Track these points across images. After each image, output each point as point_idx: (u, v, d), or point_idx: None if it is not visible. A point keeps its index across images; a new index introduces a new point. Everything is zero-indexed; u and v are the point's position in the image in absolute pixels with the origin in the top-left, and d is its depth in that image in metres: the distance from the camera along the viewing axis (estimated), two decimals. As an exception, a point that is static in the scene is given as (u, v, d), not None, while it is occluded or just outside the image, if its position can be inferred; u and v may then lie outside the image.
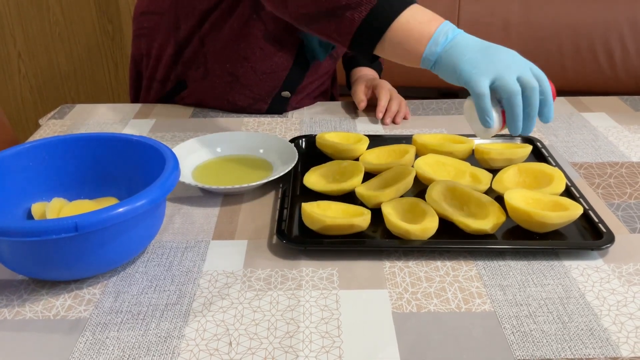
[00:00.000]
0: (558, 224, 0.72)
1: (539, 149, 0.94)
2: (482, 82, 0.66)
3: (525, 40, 1.73)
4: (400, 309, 0.63)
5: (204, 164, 0.91)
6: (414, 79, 1.79)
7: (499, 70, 0.66)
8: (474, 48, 0.68)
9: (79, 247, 0.62)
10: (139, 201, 0.62)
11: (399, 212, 0.75)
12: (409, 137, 0.98)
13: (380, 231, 0.75)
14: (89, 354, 0.57)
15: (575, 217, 0.72)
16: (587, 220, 0.75)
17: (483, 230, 0.71)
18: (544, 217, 0.71)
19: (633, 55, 1.71)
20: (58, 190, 0.77)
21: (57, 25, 2.18)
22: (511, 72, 0.66)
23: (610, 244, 0.70)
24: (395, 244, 0.72)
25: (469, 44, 0.69)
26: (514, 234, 0.74)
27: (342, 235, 0.73)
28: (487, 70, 0.66)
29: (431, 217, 0.72)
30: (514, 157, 0.88)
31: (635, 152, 0.97)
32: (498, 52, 0.68)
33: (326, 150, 0.94)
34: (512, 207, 0.73)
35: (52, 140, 0.77)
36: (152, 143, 0.74)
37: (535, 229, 0.73)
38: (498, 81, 0.66)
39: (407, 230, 0.70)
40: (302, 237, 0.74)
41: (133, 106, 1.18)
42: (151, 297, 0.65)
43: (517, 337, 0.58)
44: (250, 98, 0.83)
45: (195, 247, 0.73)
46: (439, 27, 0.69)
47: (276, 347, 0.58)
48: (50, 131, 1.08)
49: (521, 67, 0.67)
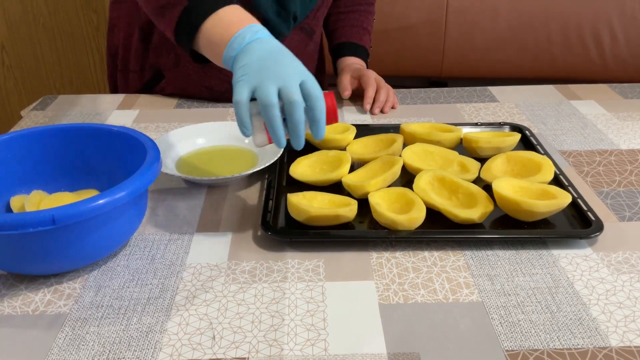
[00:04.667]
0: (546, 213, 0.71)
1: (527, 138, 0.94)
2: (241, 89, 0.64)
3: (514, 29, 1.72)
4: (387, 300, 0.62)
5: (188, 155, 0.90)
6: (402, 68, 1.78)
7: (262, 80, 0.64)
8: (258, 55, 0.66)
9: (57, 241, 0.60)
10: (118, 193, 0.60)
11: (386, 202, 0.74)
12: (397, 126, 0.97)
13: (367, 222, 0.73)
14: (69, 350, 0.56)
15: (563, 205, 0.71)
16: (576, 208, 0.74)
17: (471, 220, 0.70)
18: (532, 205, 0.70)
19: (622, 43, 1.70)
20: (37, 183, 0.75)
21: (41, 15, 2.15)
22: (272, 83, 0.63)
23: (599, 232, 0.69)
24: (381, 234, 0.71)
25: (256, 50, 0.67)
26: (503, 223, 0.73)
27: (329, 227, 0.72)
28: (251, 78, 0.64)
29: (418, 207, 0.71)
30: (502, 145, 0.87)
31: (624, 140, 0.96)
32: (276, 62, 0.65)
33: (313, 140, 0.93)
34: (500, 196, 0.72)
35: (32, 131, 0.75)
36: (133, 134, 0.72)
37: (524, 218, 0.72)
38: (257, 91, 0.64)
39: (394, 221, 0.69)
40: (288, 228, 0.73)
41: (116, 97, 1.16)
42: (133, 291, 0.63)
43: (505, 328, 0.58)
44: (226, 82, 0.82)
45: (178, 240, 0.72)
46: (239, 30, 0.68)
47: (260, 341, 0.57)
48: (31, 122, 1.06)
49: (290, 80, 0.64)
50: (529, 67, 1.75)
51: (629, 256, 0.68)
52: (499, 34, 1.72)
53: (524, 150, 0.89)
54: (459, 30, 1.73)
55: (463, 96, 1.16)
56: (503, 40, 1.73)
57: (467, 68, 1.78)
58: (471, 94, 1.17)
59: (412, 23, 1.74)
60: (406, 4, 1.73)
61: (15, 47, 2.19)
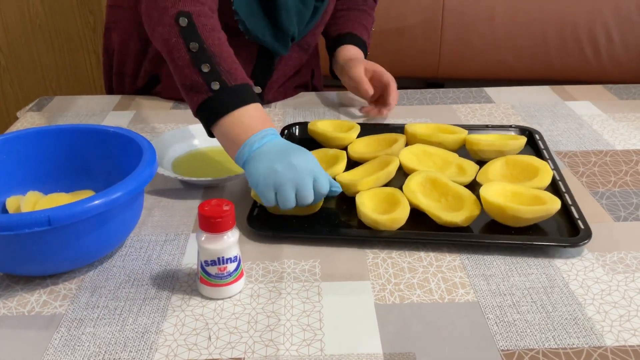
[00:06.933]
0: (532, 219, 0.70)
1: (535, 141, 0.92)
2: (267, 196, 0.70)
3: (510, 30, 1.72)
4: (382, 300, 0.62)
5: (184, 156, 0.90)
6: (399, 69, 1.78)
7: (278, 185, 0.69)
8: (268, 159, 0.70)
9: (53, 242, 0.60)
10: (114, 194, 0.60)
11: (373, 202, 0.74)
12: (402, 126, 0.97)
13: (357, 221, 0.73)
14: (64, 351, 0.56)
15: (552, 212, 0.70)
16: (567, 215, 0.73)
17: (454, 223, 0.70)
18: (516, 211, 0.69)
19: (617, 44, 1.71)
20: (34, 184, 0.75)
21: (38, 16, 2.15)
22: (288, 187, 0.69)
23: (586, 241, 0.68)
24: (367, 234, 0.71)
25: (265, 154, 0.71)
26: (494, 227, 0.72)
27: (322, 225, 0.72)
28: (268, 185, 0.69)
29: (402, 208, 0.71)
30: (505, 149, 0.86)
31: (620, 141, 0.97)
32: (287, 165, 0.69)
33: (317, 137, 0.94)
34: (485, 200, 0.71)
35: (28, 132, 0.75)
36: (129, 134, 0.72)
37: (510, 223, 0.71)
38: (278, 195, 0.69)
39: (376, 220, 0.70)
40: (273, 223, 0.73)
41: (112, 98, 1.16)
42: (129, 292, 0.63)
43: (500, 327, 0.58)
44: None
45: (174, 241, 0.72)
46: (251, 136, 0.72)
47: (256, 341, 0.57)
48: (28, 124, 1.06)
49: (303, 179, 0.69)
50: (525, 68, 1.75)
51: (624, 256, 0.68)
52: (495, 35, 1.73)
53: (531, 154, 0.88)
54: (456, 31, 1.74)
55: (459, 97, 1.16)
56: (499, 41, 1.73)
57: (464, 69, 1.78)
58: (467, 95, 1.17)
59: (408, 24, 1.74)
60: (403, 5, 1.73)
61: (12, 48, 2.19)
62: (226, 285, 0.62)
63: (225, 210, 0.59)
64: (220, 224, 0.59)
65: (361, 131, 0.94)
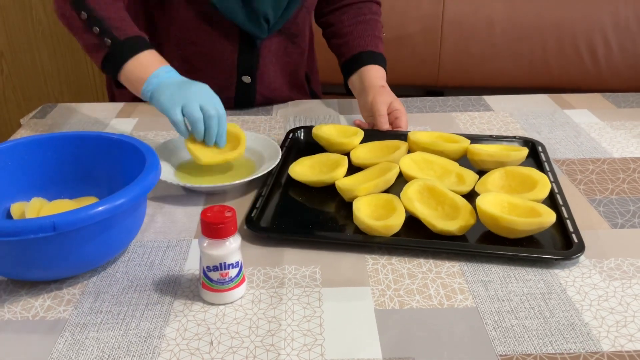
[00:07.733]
0: (526, 231, 0.70)
1: (537, 153, 0.92)
2: (174, 110, 0.82)
3: (509, 38, 1.73)
4: (382, 305, 0.62)
5: (187, 162, 0.91)
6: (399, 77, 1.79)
7: (187, 100, 0.82)
8: (173, 85, 0.85)
9: (58, 247, 0.61)
10: (118, 200, 0.61)
11: (370, 208, 0.75)
12: (405, 133, 0.98)
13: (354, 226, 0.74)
14: (68, 355, 0.56)
15: (546, 225, 0.70)
16: (562, 228, 0.73)
17: (448, 231, 0.71)
18: (510, 223, 0.69)
19: (616, 52, 1.72)
20: (38, 190, 0.76)
21: (40, 23, 2.16)
22: (195, 102, 0.82)
23: (579, 254, 0.68)
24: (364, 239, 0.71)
25: (171, 83, 0.85)
26: (489, 236, 0.73)
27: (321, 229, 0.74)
28: (178, 100, 0.82)
29: (397, 215, 0.72)
30: (506, 160, 0.86)
31: (617, 149, 0.98)
32: (190, 86, 0.84)
33: (321, 142, 0.95)
34: (481, 210, 0.72)
35: (32, 139, 0.76)
36: (132, 142, 0.73)
37: (504, 234, 0.72)
38: (185, 109, 0.82)
39: (370, 226, 0.70)
40: (271, 225, 0.75)
41: (115, 105, 1.17)
42: (132, 297, 0.64)
43: (498, 333, 0.58)
44: (213, 85, 0.85)
45: (177, 246, 0.73)
46: (152, 72, 0.86)
47: (258, 346, 0.57)
48: (31, 131, 1.07)
49: (206, 99, 0.83)
50: (524, 76, 1.77)
51: (621, 263, 0.69)
52: (494, 43, 1.74)
53: (531, 165, 0.88)
54: (455, 40, 1.75)
55: (458, 105, 1.17)
56: (498, 49, 1.74)
57: (463, 77, 1.79)
58: (466, 103, 1.18)
59: (408, 33, 1.76)
60: (403, 14, 1.75)
61: (15, 55, 2.20)
62: (228, 291, 0.62)
63: (227, 217, 0.60)
64: (222, 230, 0.60)
65: (364, 137, 0.95)
